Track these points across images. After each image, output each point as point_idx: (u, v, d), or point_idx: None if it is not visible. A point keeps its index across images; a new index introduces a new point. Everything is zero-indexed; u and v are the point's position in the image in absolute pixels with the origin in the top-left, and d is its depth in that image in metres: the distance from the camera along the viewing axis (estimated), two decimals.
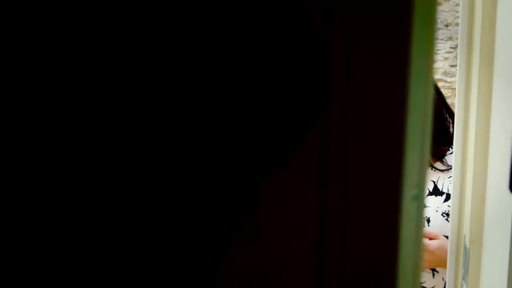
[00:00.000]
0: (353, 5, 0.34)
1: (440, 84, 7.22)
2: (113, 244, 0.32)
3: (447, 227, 1.76)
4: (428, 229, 1.80)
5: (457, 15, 6.94)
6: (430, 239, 1.76)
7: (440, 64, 7.29)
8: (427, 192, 1.86)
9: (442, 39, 7.31)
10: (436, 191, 1.87)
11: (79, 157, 0.30)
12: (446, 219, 1.80)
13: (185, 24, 0.31)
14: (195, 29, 0.31)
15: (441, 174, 1.89)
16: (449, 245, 1.28)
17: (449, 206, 1.80)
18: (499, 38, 1.04)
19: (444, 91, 7.85)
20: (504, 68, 1.01)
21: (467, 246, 1.13)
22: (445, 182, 1.87)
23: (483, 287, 1.10)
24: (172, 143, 0.31)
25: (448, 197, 1.83)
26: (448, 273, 1.26)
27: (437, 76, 7.23)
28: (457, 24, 7.00)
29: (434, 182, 1.89)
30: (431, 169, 1.89)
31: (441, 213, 1.82)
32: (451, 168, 1.85)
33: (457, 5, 7.23)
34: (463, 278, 1.17)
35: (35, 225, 0.31)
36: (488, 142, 1.08)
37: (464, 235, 1.17)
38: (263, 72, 0.33)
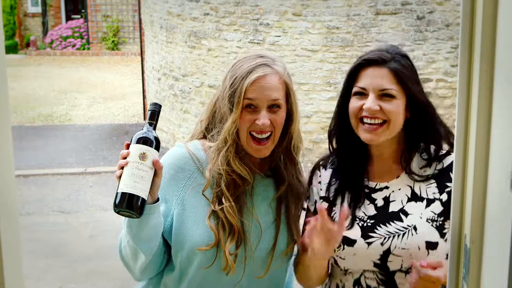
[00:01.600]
0: None
1: (440, 84, 7.23)
2: None
3: (433, 233, 1.73)
4: (416, 237, 1.73)
5: (458, 15, 6.94)
6: (434, 268, 1.63)
7: (441, 64, 7.29)
8: (405, 198, 1.80)
9: (443, 39, 7.31)
10: (415, 197, 1.80)
11: None
12: (431, 225, 1.75)
13: None
14: None
15: (415, 181, 1.82)
16: (449, 244, 1.28)
17: (432, 211, 1.75)
18: (500, 38, 1.04)
19: (445, 91, 7.85)
20: (505, 68, 1.01)
21: (468, 246, 1.14)
22: (422, 187, 1.80)
23: (484, 287, 1.10)
24: None
25: (429, 202, 1.78)
26: (448, 273, 1.26)
27: (437, 76, 7.23)
28: (458, 24, 7.00)
29: (410, 187, 1.82)
30: (405, 173, 1.81)
31: (425, 219, 1.76)
32: (425, 180, 1.80)
33: (458, 5, 7.23)
34: (463, 277, 1.17)
35: None
36: (489, 141, 1.09)
37: (465, 235, 1.17)
38: None
